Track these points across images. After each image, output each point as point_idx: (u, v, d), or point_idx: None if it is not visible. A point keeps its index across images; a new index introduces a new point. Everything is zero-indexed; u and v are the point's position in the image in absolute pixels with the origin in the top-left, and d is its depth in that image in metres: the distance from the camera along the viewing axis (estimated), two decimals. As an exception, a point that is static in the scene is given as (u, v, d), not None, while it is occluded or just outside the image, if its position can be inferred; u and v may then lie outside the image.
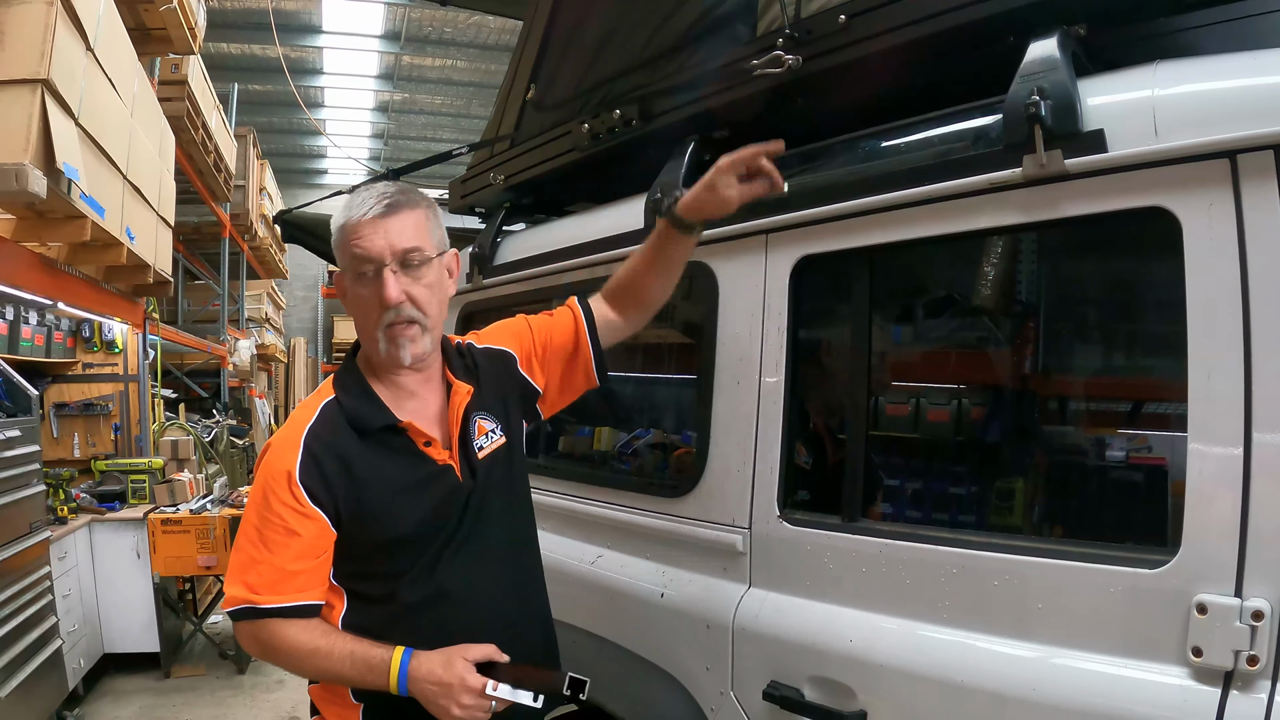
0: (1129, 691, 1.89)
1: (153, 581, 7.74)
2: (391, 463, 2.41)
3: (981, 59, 2.36)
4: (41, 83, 5.39)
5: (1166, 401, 2.22)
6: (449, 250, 2.49)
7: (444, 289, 2.47)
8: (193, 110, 11.32)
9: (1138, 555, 1.96)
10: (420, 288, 2.37)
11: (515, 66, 4.25)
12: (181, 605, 8.41)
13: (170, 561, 7.73)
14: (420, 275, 2.37)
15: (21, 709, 5.51)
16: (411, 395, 2.51)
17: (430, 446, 2.44)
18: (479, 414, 2.54)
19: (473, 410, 2.53)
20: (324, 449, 2.36)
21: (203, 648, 8.64)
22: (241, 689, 7.64)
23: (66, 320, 9.19)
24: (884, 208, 2.40)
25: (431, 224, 2.43)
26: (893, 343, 2.77)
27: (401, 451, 2.42)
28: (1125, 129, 1.98)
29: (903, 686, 2.25)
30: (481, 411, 2.55)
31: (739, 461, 2.76)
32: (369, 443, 2.40)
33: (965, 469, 2.67)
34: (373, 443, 2.40)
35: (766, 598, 2.64)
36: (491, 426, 2.56)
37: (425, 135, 22.96)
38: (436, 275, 2.43)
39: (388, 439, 2.42)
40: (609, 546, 3.24)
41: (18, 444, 6.17)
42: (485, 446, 2.52)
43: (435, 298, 2.42)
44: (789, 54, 2.64)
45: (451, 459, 2.46)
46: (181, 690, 7.63)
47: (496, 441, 2.56)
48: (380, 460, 2.40)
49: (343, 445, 2.38)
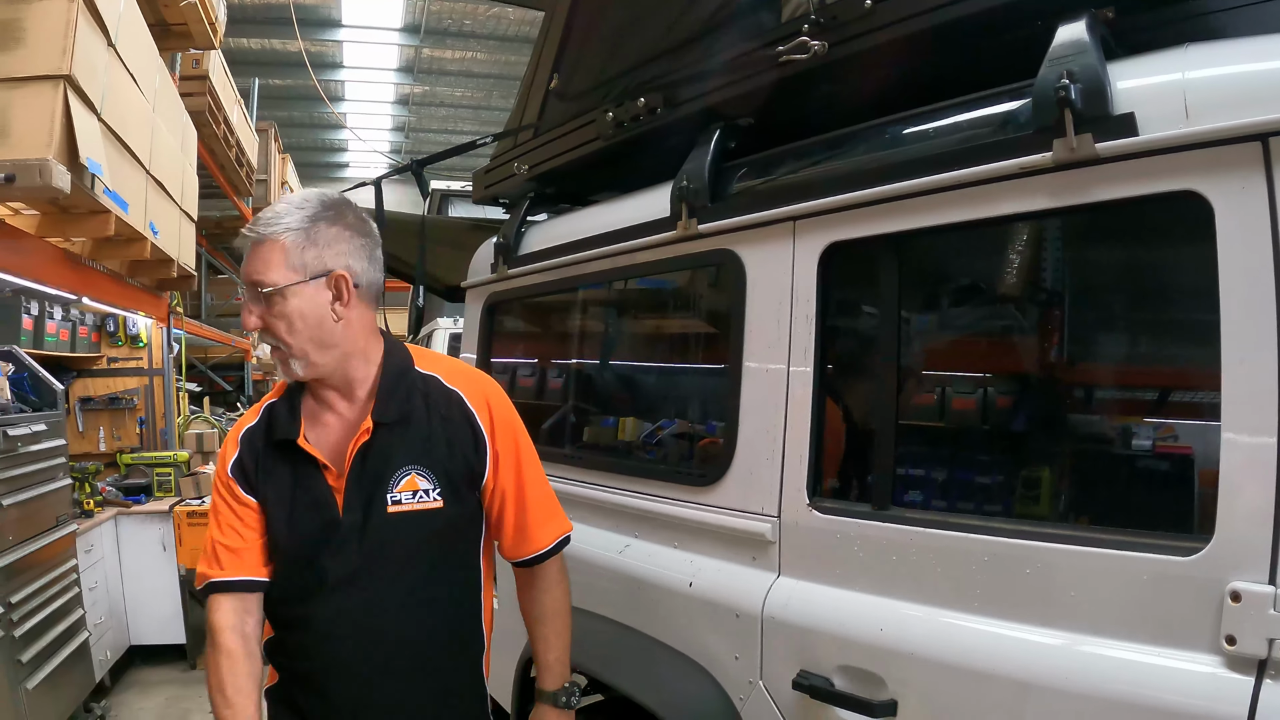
0: (1161, 680, 1.87)
1: (178, 573, 7.79)
2: (289, 473, 2.51)
3: (1008, 43, 2.33)
4: (64, 78, 5.40)
5: (1199, 389, 2.20)
6: (331, 272, 2.41)
7: (314, 317, 2.41)
8: (214, 105, 11.34)
9: (1170, 543, 1.93)
10: (273, 318, 2.39)
11: (537, 56, 4.24)
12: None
13: (196, 553, 7.60)
14: (274, 306, 2.38)
15: (49, 700, 5.54)
16: (330, 413, 2.57)
17: (327, 471, 2.50)
18: (416, 468, 2.51)
19: (404, 460, 2.50)
20: (249, 447, 2.56)
21: (229, 640, 8.61)
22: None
23: (91, 315, 9.22)
24: (912, 193, 2.37)
25: (293, 254, 2.37)
26: (921, 329, 2.75)
27: (301, 465, 2.50)
28: (1156, 112, 1.95)
29: (933, 675, 2.24)
30: (421, 467, 2.52)
31: (768, 450, 2.74)
32: (276, 449, 2.53)
33: (995, 457, 2.65)
34: (279, 450, 2.52)
35: (796, 586, 2.62)
36: (427, 486, 2.51)
37: (446, 128, 22.99)
38: (299, 304, 2.39)
39: (291, 451, 2.51)
40: (636, 536, 3.24)
41: (44, 438, 6.20)
42: (404, 503, 2.49)
43: (296, 327, 2.40)
44: (814, 40, 2.62)
45: (338, 491, 2.49)
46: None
47: (425, 504, 2.51)
48: (281, 467, 2.52)
49: (261, 446, 2.55)
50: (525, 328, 4.81)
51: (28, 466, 5.89)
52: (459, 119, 22.59)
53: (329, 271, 2.39)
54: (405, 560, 2.51)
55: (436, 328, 12.59)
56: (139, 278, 8.79)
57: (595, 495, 3.49)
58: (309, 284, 2.38)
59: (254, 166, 14.73)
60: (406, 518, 2.48)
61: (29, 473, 5.89)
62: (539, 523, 2.65)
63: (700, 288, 3.42)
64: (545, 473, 2.73)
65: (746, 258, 2.87)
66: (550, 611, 2.71)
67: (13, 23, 5.40)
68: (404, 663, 2.55)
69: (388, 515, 2.47)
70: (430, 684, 2.60)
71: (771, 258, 2.79)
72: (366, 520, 2.46)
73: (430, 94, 21.05)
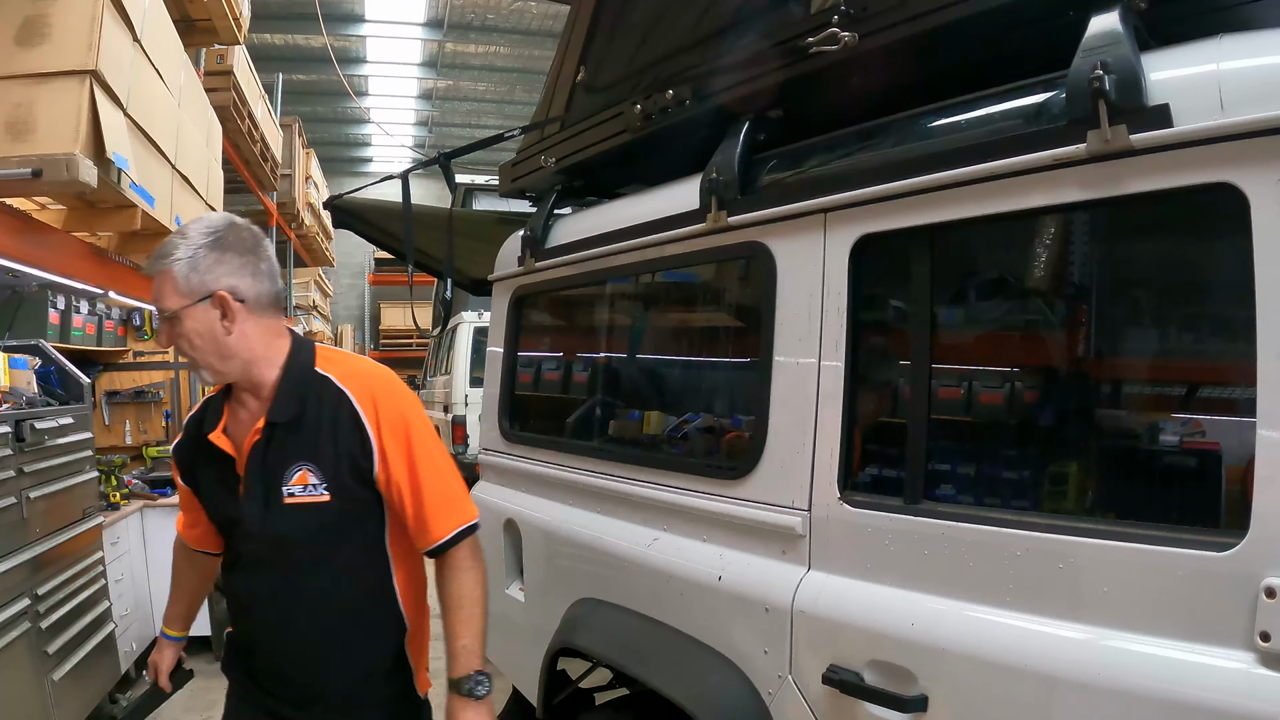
0: (1194, 676, 1.85)
1: (204, 566, 7.78)
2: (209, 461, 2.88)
3: (1040, 35, 2.32)
4: (90, 73, 5.41)
5: (1234, 384, 2.18)
6: (214, 293, 2.65)
7: (209, 334, 2.68)
8: (239, 100, 11.38)
9: (1205, 538, 1.92)
10: (177, 337, 2.69)
11: (564, 49, 4.23)
12: (232, 590, 8.42)
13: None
14: (173, 326, 2.67)
15: (75, 692, 5.55)
16: (244, 410, 2.85)
17: (236, 463, 2.82)
18: (306, 464, 2.74)
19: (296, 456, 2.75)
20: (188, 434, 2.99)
21: (254, 632, 8.64)
22: (290, 673, 7.68)
23: (117, 309, 9.25)
24: (945, 185, 2.36)
25: (180, 281, 2.63)
26: (954, 322, 2.73)
27: (216, 455, 2.84)
28: (1190, 103, 1.93)
29: (965, 670, 2.22)
30: (311, 463, 2.74)
31: (798, 443, 2.73)
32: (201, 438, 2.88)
33: (1027, 451, 2.63)
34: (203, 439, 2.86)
35: (827, 580, 2.61)
36: (315, 481, 2.74)
37: (469, 122, 23.04)
38: (193, 324, 2.66)
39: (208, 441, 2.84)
40: (665, 529, 3.22)
41: (70, 431, 6.21)
42: (297, 495, 2.74)
43: (196, 344, 2.69)
44: (845, 31, 2.61)
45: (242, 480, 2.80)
46: (233, 674, 7.62)
47: (315, 497, 2.74)
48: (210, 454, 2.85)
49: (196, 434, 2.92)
50: (552, 321, 4.81)
51: (54, 460, 5.90)
52: (482, 113, 22.62)
53: (212, 293, 2.64)
54: (303, 548, 2.78)
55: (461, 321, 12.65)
56: (165, 272, 8.80)
57: (623, 488, 3.48)
58: (197, 306, 2.65)
59: (278, 161, 14.80)
60: (300, 509, 2.74)
61: (56, 466, 5.90)
62: (437, 514, 2.80)
63: (729, 281, 3.40)
64: (451, 463, 2.91)
65: (777, 250, 2.86)
66: (456, 600, 2.83)
67: (39, 18, 5.42)
68: (313, 642, 2.84)
69: (284, 506, 2.74)
70: (343, 664, 2.86)
71: (802, 250, 2.77)
72: (266, 510, 2.76)
73: (453, 88, 21.10)
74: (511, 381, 4.53)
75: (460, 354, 12.81)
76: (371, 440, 2.74)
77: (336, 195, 5.02)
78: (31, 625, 5.14)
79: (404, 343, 24.45)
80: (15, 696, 4.66)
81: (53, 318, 7.78)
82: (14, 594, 4.97)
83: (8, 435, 5.13)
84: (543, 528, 3.98)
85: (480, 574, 2.87)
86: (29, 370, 6.29)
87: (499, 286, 4.56)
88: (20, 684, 4.77)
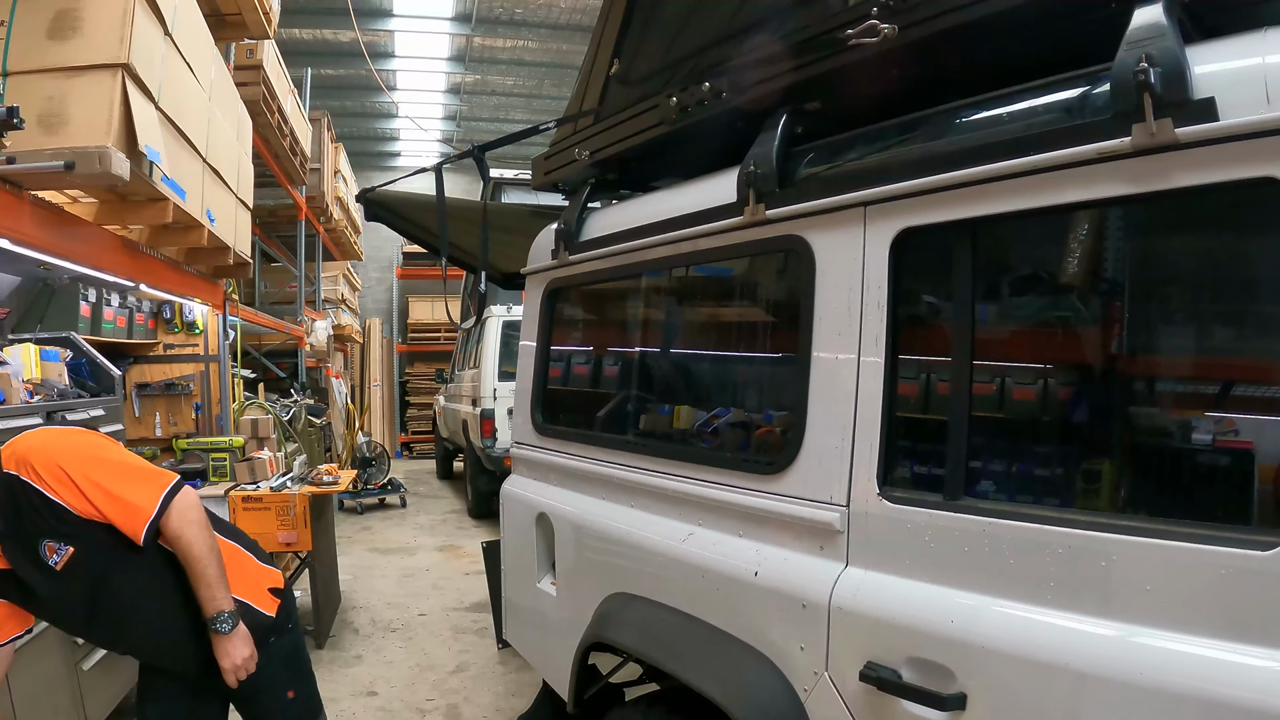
0: (1236, 676, 1.84)
1: (234, 558, 7.82)
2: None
3: (1083, 27, 2.30)
4: (122, 67, 5.43)
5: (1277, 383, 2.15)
6: None
7: None
8: (268, 95, 11.42)
9: (1249, 536, 1.90)
10: None
11: (597, 41, 4.22)
12: (261, 582, 8.47)
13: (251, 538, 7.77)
14: None
15: (104, 682, 5.58)
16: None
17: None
18: (44, 540, 3.12)
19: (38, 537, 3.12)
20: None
21: (282, 624, 8.69)
22: (320, 663, 7.70)
23: (148, 302, 9.33)
24: (987, 179, 2.34)
25: None
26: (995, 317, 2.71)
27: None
28: (1236, 97, 1.92)
29: (1005, 669, 2.21)
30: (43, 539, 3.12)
31: (837, 438, 2.71)
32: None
33: (1068, 448, 2.60)
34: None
35: (865, 577, 2.59)
36: (57, 544, 3.13)
37: (498, 116, 23.02)
38: None
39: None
40: (700, 524, 3.21)
41: (102, 423, 6.25)
42: (60, 560, 3.13)
43: None
44: (885, 23, 2.59)
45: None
46: (261, 665, 7.67)
47: (67, 553, 3.14)
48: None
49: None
50: (586, 314, 4.80)
51: (87, 451, 5.94)
52: (510, 107, 22.61)
53: None
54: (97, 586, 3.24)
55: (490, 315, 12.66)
56: (195, 265, 8.85)
57: (657, 483, 3.47)
58: None
59: (307, 155, 14.86)
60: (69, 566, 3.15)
61: (88, 458, 5.95)
62: (134, 503, 3.18)
63: (767, 274, 3.38)
64: (128, 457, 3.40)
65: (816, 244, 2.84)
66: (186, 559, 3.25)
67: (70, 12, 5.44)
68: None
69: (58, 573, 3.15)
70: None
71: (842, 244, 2.75)
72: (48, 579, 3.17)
73: (481, 83, 21.06)
74: (544, 375, 4.53)
75: (489, 348, 12.80)
76: (46, 494, 3.07)
77: (369, 188, 5.02)
78: (64, 616, 5.17)
79: (432, 336, 24.54)
80: (46, 685, 4.69)
81: (84, 310, 7.85)
82: (47, 585, 5.00)
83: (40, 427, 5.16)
84: (575, 521, 3.98)
85: (193, 532, 3.25)
86: (60, 362, 6.34)
87: (532, 280, 4.56)
88: (51, 673, 4.80)
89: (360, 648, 7.99)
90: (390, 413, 24.19)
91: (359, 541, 12.73)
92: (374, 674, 7.28)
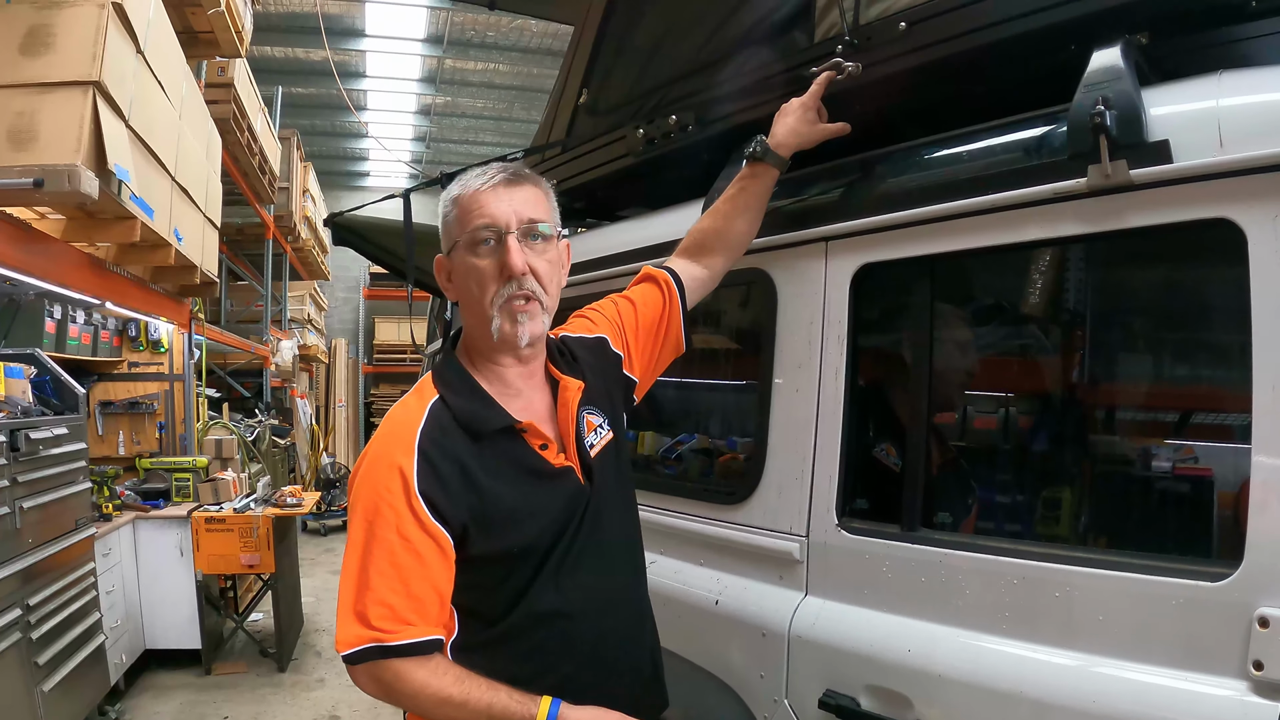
0: (1188, 705, 1.87)
1: (195, 579, 7.82)
2: (512, 468, 2.23)
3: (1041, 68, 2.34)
4: (93, 84, 5.44)
5: (1229, 414, 2.20)
6: (565, 239, 2.38)
7: (560, 269, 2.35)
8: (238, 113, 11.40)
9: (1200, 568, 1.94)
10: (543, 261, 2.24)
11: (567, 71, 4.25)
12: (223, 603, 8.50)
13: (213, 559, 7.80)
14: (543, 250, 2.25)
15: (65, 703, 5.56)
16: (517, 393, 2.33)
17: (547, 450, 2.29)
18: (586, 409, 2.39)
19: (581, 406, 2.37)
20: (440, 454, 2.15)
21: (243, 645, 8.71)
22: (282, 686, 7.69)
23: (113, 319, 9.28)
24: (947, 216, 2.38)
25: (551, 204, 2.32)
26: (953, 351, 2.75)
27: (520, 455, 2.26)
28: (1190, 140, 1.96)
29: (960, 697, 2.23)
30: (589, 406, 2.41)
31: (797, 469, 2.74)
32: (484, 446, 2.21)
33: (1025, 479, 2.65)
34: (488, 446, 2.22)
35: (823, 606, 2.62)
36: (599, 422, 2.42)
37: (467, 138, 23.01)
38: (556, 255, 2.31)
39: (504, 442, 2.24)
40: (662, 552, 3.22)
41: (64, 441, 6.23)
42: (595, 444, 2.37)
43: (554, 278, 2.30)
44: (848, 60, 2.63)
45: (569, 461, 2.31)
46: (222, 687, 7.70)
47: (605, 437, 2.41)
48: (499, 465, 2.21)
49: (458, 449, 2.18)
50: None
51: (48, 470, 5.92)
52: (480, 130, 22.60)
53: (561, 235, 2.35)
54: (611, 499, 2.39)
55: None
56: (162, 283, 8.84)
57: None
58: (560, 241, 2.35)
59: (276, 174, 14.81)
60: (601, 456, 2.38)
61: (49, 476, 5.92)
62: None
63: (730, 305, 3.41)
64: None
65: (778, 277, 2.88)
66: None
67: (43, 28, 5.45)
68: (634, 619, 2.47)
69: (594, 461, 2.35)
70: (649, 621, 2.54)
71: (803, 278, 2.79)
72: (591, 478, 2.33)
73: (452, 104, 21.06)
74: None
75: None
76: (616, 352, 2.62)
77: (337, 213, 5.03)
78: (22, 636, 5.16)
79: (398, 358, 24.44)
80: (5, 707, 4.66)
81: (49, 327, 7.82)
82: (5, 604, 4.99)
83: (2, 445, 5.15)
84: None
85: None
86: (24, 379, 6.31)
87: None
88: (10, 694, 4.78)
89: (323, 671, 7.96)
90: (355, 434, 24.06)
91: (322, 564, 12.68)
92: (336, 697, 7.25)
